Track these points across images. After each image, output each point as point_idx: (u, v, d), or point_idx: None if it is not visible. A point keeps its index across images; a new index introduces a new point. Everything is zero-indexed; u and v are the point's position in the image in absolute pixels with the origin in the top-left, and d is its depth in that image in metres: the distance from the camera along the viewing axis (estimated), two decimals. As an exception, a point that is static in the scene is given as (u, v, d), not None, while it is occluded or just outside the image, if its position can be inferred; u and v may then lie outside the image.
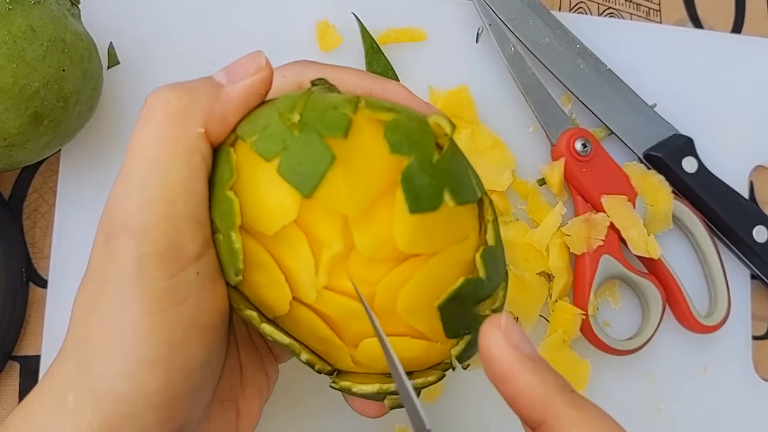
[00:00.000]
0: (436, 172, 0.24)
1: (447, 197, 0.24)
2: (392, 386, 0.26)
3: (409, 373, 0.27)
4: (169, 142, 0.24)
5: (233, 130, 0.26)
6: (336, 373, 0.27)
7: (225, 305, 0.26)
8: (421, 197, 0.24)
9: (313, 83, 0.27)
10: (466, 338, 0.26)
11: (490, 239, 0.26)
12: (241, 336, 0.31)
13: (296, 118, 0.24)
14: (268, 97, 0.27)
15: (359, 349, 0.26)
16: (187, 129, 0.24)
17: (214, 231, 0.25)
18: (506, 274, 0.28)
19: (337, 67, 0.29)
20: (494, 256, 0.26)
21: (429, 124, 0.26)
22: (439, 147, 0.25)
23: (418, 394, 0.27)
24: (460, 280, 0.25)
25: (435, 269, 0.25)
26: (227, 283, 0.26)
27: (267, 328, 0.26)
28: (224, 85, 0.26)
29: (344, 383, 0.26)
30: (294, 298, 0.25)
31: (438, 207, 0.24)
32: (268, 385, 0.31)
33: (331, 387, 0.27)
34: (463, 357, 0.27)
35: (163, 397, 0.24)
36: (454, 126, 0.25)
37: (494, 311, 0.27)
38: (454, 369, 0.27)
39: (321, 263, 0.24)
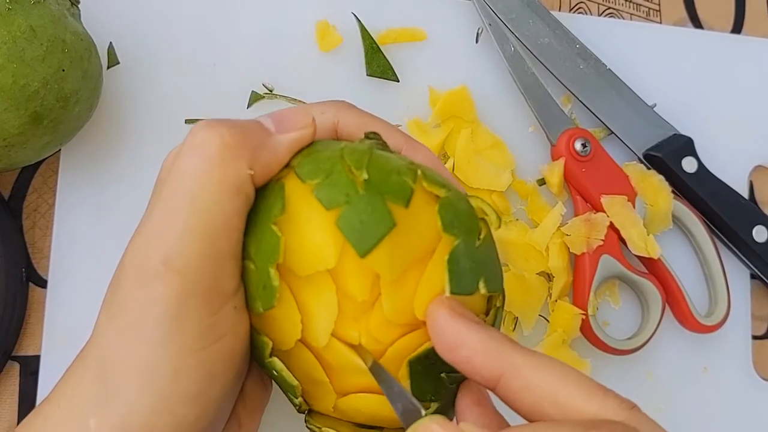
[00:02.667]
0: (477, 259, 0.25)
1: (481, 285, 0.25)
2: None
3: (381, 429, 0.27)
4: (218, 179, 0.24)
5: (287, 165, 0.26)
6: (308, 412, 0.28)
7: (250, 331, 0.26)
8: (462, 282, 0.25)
9: (368, 136, 0.28)
10: (434, 406, 0.26)
11: (489, 322, 0.27)
12: None
13: (365, 175, 0.24)
14: None
15: (346, 399, 0.26)
16: (238, 167, 0.24)
17: (244, 257, 0.25)
18: None
19: (373, 117, 0.30)
20: None
21: (473, 207, 0.27)
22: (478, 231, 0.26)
23: None
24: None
25: None
26: None
27: (277, 364, 0.26)
28: (273, 133, 0.26)
29: (315, 423, 0.27)
30: (300, 339, 0.25)
31: (473, 293, 0.25)
32: (266, 394, 0.31)
33: (306, 423, 0.28)
34: None
35: (197, 427, 0.24)
36: (499, 218, 0.27)
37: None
38: None
39: (342, 314, 0.25)
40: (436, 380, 0.26)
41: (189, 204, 0.24)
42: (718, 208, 0.44)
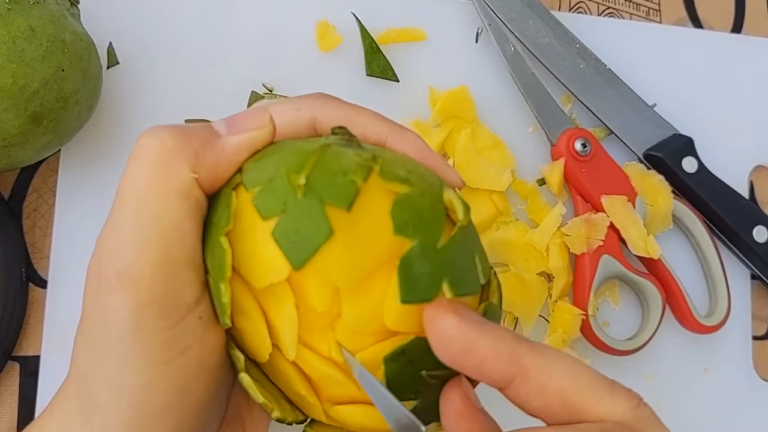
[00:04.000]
0: (437, 260, 0.23)
1: (446, 288, 0.23)
2: None
3: None
4: (161, 184, 0.23)
5: (239, 171, 0.25)
6: (309, 421, 0.27)
7: (225, 342, 0.25)
8: (416, 288, 0.23)
9: (333, 131, 0.26)
10: (412, 403, 0.25)
11: None
12: None
13: (302, 180, 0.23)
14: (281, 128, 0.26)
15: (333, 411, 0.25)
16: (180, 170, 0.23)
17: (206, 271, 0.25)
18: None
19: (356, 108, 0.28)
20: None
21: (443, 201, 0.25)
22: (451, 221, 0.24)
23: None
24: (410, 337, 0.23)
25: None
26: None
27: (245, 380, 0.25)
28: (222, 134, 0.25)
29: (315, 430, 0.26)
30: (275, 346, 0.24)
31: (433, 299, 0.23)
32: None
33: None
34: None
35: None
36: (468, 208, 0.24)
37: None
38: None
39: (305, 326, 0.24)
40: (415, 378, 0.24)
41: (135, 212, 0.23)
42: (718, 208, 0.44)
